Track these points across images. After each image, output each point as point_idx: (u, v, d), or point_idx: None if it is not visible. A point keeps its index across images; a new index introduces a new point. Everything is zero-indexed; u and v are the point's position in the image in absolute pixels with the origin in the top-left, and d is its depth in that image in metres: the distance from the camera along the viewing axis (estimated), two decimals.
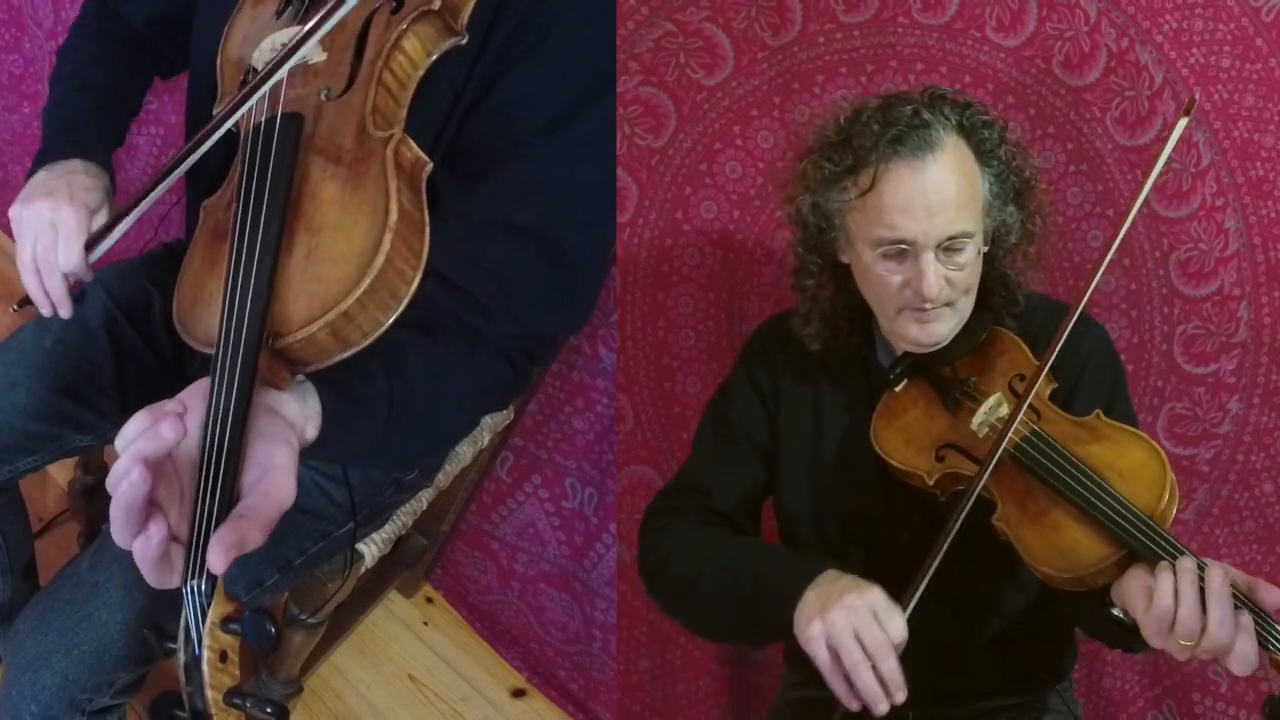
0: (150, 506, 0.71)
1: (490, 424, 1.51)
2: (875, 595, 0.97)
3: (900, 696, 0.95)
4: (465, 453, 1.48)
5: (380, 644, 1.86)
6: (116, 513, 0.70)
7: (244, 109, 0.89)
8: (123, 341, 1.25)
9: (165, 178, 0.93)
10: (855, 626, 0.95)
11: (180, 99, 1.29)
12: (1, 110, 2.22)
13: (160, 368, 1.26)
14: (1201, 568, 0.90)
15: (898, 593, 1.14)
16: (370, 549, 1.37)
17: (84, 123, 1.15)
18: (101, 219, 1.06)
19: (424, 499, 1.45)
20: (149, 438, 0.70)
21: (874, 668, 0.95)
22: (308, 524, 1.21)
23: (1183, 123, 1.06)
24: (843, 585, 0.99)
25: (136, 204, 0.96)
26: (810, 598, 0.99)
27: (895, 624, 0.96)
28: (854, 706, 0.96)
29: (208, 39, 1.02)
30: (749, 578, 1.07)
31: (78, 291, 1.27)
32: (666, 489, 1.27)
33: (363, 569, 1.39)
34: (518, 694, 1.85)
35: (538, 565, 1.80)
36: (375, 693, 1.80)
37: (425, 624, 1.91)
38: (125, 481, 0.69)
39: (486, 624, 1.91)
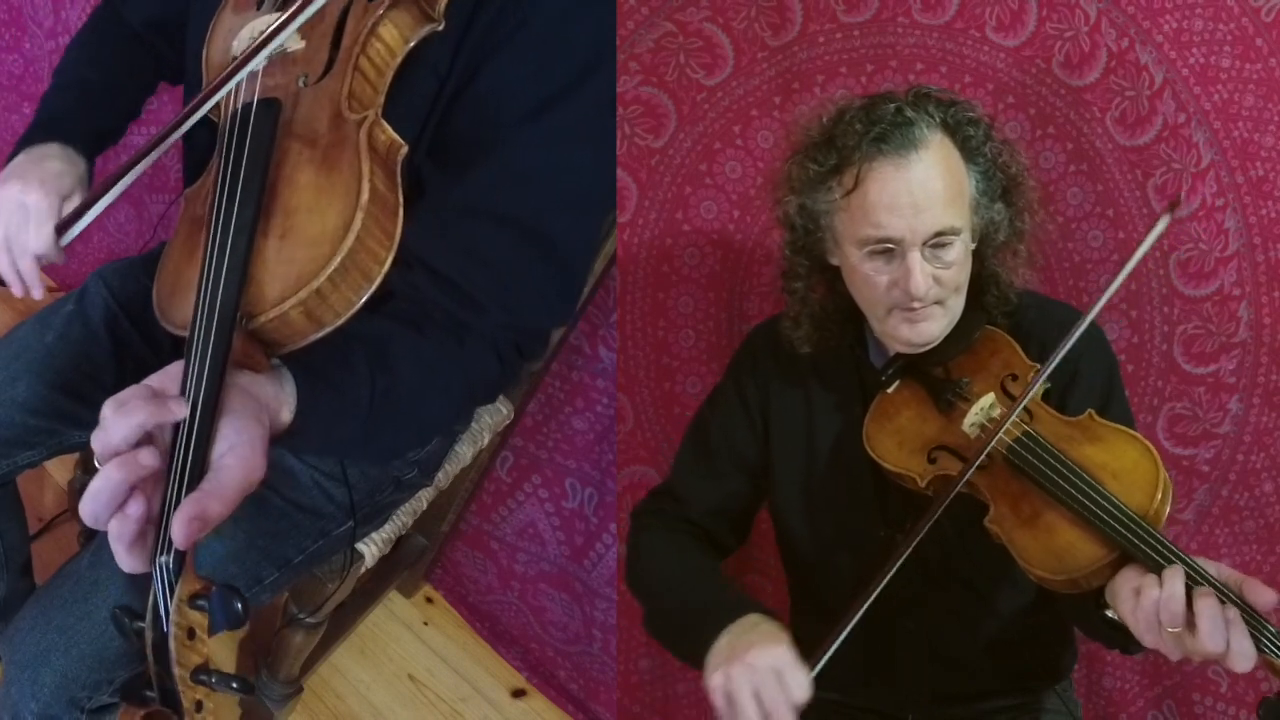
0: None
1: (490, 424, 1.51)
2: (780, 654, 0.96)
3: None
4: (465, 453, 1.48)
5: (380, 644, 1.87)
6: (101, 491, 0.72)
7: (221, 94, 0.90)
8: (123, 339, 1.25)
9: (136, 165, 0.94)
10: (755, 684, 0.94)
11: (179, 99, 1.29)
12: (1, 110, 2.22)
13: (160, 365, 1.26)
14: (1194, 577, 0.89)
15: (897, 601, 1.14)
16: (370, 549, 1.37)
17: (66, 114, 1.15)
18: (74, 204, 1.06)
19: (424, 499, 1.45)
20: (134, 422, 0.73)
21: None
22: (307, 522, 1.21)
23: (1164, 220, 1.05)
24: (752, 638, 0.98)
25: (106, 190, 0.97)
26: (722, 644, 0.99)
27: (796, 684, 0.94)
28: None
29: (198, 40, 1.02)
30: (691, 607, 1.08)
31: (79, 289, 1.28)
32: (654, 490, 1.28)
33: (363, 569, 1.39)
34: (518, 694, 1.85)
35: (538, 565, 1.80)
36: (375, 693, 1.80)
37: (425, 624, 1.91)
38: (131, 462, 0.72)
39: (486, 624, 1.91)
